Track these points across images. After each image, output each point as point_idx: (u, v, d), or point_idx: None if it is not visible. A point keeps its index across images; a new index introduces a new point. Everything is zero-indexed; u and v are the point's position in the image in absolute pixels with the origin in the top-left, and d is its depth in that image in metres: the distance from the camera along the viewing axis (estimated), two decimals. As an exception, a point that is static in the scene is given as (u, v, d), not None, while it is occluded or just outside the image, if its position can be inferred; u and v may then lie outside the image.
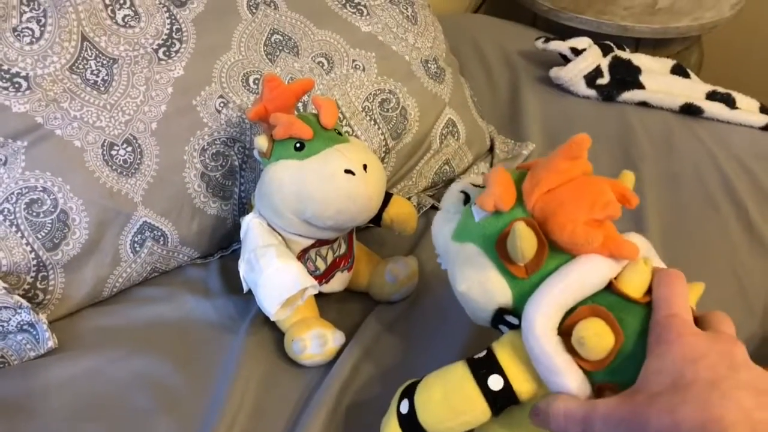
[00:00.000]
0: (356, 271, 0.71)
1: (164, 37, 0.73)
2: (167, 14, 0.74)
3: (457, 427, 0.47)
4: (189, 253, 0.76)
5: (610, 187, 0.44)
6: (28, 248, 0.66)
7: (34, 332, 0.65)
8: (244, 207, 0.77)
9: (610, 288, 0.44)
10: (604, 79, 1.08)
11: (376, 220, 0.69)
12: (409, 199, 0.86)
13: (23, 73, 0.66)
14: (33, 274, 0.67)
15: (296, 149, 0.61)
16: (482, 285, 0.46)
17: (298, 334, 0.63)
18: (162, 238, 0.72)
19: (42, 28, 0.67)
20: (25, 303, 0.64)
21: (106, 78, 0.70)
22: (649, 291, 0.44)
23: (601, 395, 0.42)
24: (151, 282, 0.75)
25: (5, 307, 0.63)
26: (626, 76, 1.08)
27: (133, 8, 0.72)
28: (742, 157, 0.95)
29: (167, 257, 0.74)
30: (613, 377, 0.41)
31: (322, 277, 0.67)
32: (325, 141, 0.62)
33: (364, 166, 0.60)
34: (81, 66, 0.69)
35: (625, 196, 0.45)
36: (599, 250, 0.43)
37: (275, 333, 0.67)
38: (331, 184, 0.59)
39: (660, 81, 1.09)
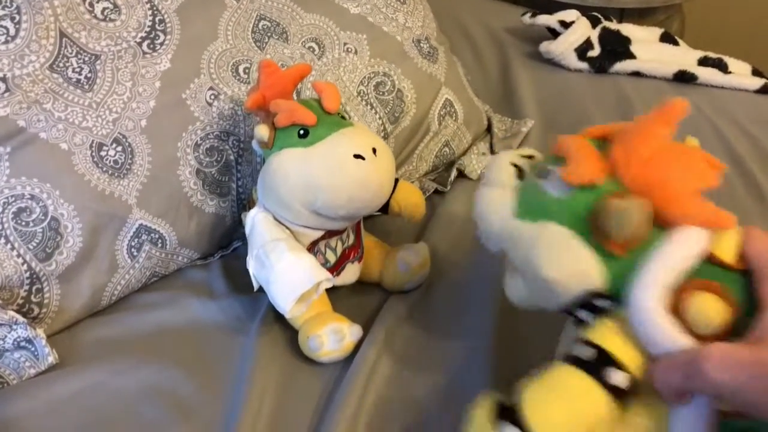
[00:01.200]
0: (366, 261, 0.68)
1: (147, 29, 0.69)
2: (148, 5, 0.70)
3: None
4: (189, 255, 0.72)
5: (703, 157, 0.43)
6: (20, 260, 0.62)
7: (33, 348, 0.61)
8: (243, 203, 0.74)
9: (707, 260, 0.41)
10: (595, 51, 1.06)
11: (383, 207, 0.66)
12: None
13: (0, 75, 0.62)
14: (27, 287, 0.63)
15: (300, 136, 0.58)
16: (573, 266, 0.43)
17: (313, 330, 0.60)
18: (160, 241, 0.69)
19: (17, 26, 0.63)
20: (20, 318, 0.60)
21: (89, 75, 0.66)
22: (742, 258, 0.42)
23: None
24: (152, 287, 0.72)
25: (0, 324, 0.60)
26: (617, 47, 1.06)
27: (112, 1, 0.68)
28: (742, 121, 0.94)
29: (166, 260, 0.71)
30: None
31: (333, 270, 0.64)
32: (329, 126, 0.59)
33: (374, 150, 0.57)
34: (62, 64, 0.65)
35: (713, 164, 0.43)
36: (702, 222, 0.41)
37: (287, 331, 0.64)
38: (341, 170, 0.56)
39: (651, 50, 1.07)
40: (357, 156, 0.56)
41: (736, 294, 0.40)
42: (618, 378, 0.40)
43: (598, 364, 0.41)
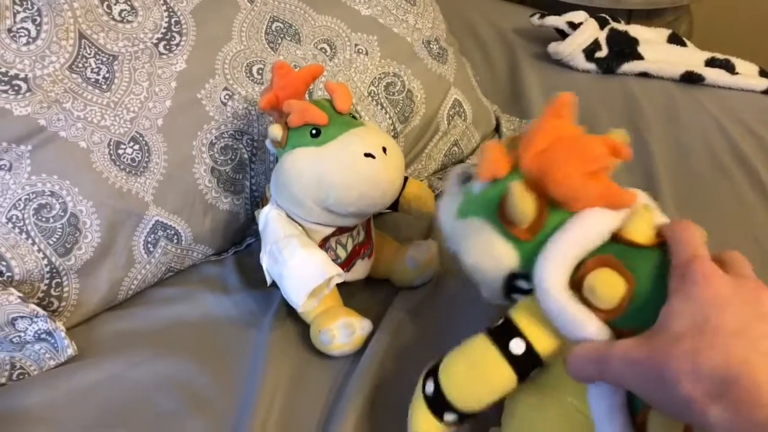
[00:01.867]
0: (376, 257, 0.70)
1: (163, 30, 0.71)
2: (164, 7, 0.72)
3: (485, 396, 0.46)
4: (203, 251, 0.74)
5: (601, 141, 0.45)
6: (40, 255, 0.64)
7: (52, 341, 0.63)
8: (256, 200, 0.75)
9: (616, 239, 0.44)
10: (603, 52, 1.07)
11: (393, 204, 0.68)
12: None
13: (22, 75, 0.64)
14: (47, 282, 0.65)
15: (312, 136, 0.60)
16: (489, 253, 0.46)
17: (324, 324, 0.62)
18: (175, 237, 0.71)
19: (38, 28, 0.65)
20: (41, 311, 0.62)
21: (107, 75, 0.68)
22: (658, 237, 0.44)
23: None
24: (167, 282, 0.73)
25: (21, 317, 0.61)
26: (625, 48, 1.07)
27: (129, 2, 0.70)
28: (748, 121, 0.95)
29: (182, 256, 0.73)
30: (631, 323, 0.41)
31: (344, 266, 0.66)
32: (340, 126, 0.60)
33: (384, 149, 0.59)
34: (81, 65, 0.67)
35: (616, 149, 0.45)
36: (598, 201, 0.44)
37: (299, 326, 0.66)
38: (352, 168, 0.58)
39: (658, 51, 1.08)
40: (367, 154, 0.58)
41: (641, 269, 0.42)
42: (515, 345, 0.45)
43: (500, 331, 0.46)
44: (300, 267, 0.59)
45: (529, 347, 0.45)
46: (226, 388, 0.61)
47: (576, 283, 0.43)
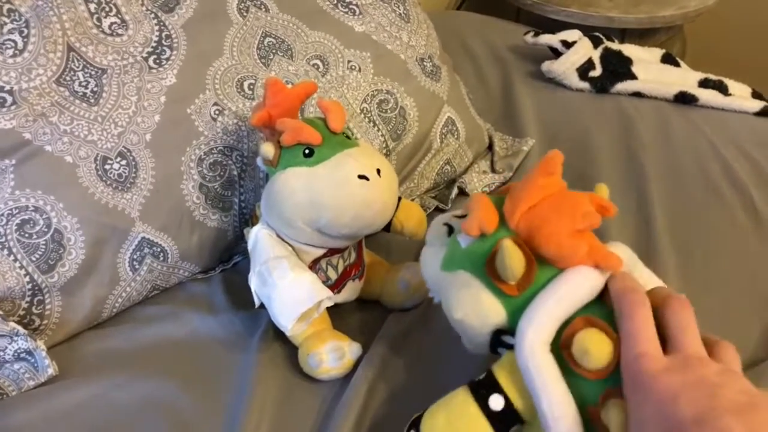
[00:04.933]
0: (367, 279, 0.69)
1: (153, 44, 0.70)
2: (155, 21, 0.71)
3: None
4: (190, 269, 0.73)
5: (588, 199, 0.46)
6: (22, 272, 0.63)
7: (33, 360, 0.61)
8: (245, 218, 0.74)
9: (602, 298, 0.44)
10: (597, 71, 1.07)
11: (386, 225, 0.67)
12: (412, 201, 0.83)
13: (7, 88, 0.63)
14: (28, 299, 0.63)
15: (305, 156, 0.59)
16: (476, 309, 0.46)
17: (313, 347, 0.61)
18: (162, 254, 0.69)
19: (25, 40, 0.64)
20: (21, 330, 0.60)
21: (95, 89, 0.67)
22: None
23: (606, 400, 0.42)
24: (152, 300, 0.72)
25: (1, 336, 0.60)
26: (618, 67, 1.07)
27: (119, 16, 0.69)
28: (741, 143, 0.95)
29: (168, 273, 0.71)
30: (617, 383, 0.41)
31: (334, 287, 0.64)
32: (334, 146, 0.59)
33: (378, 171, 0.58)
34: (68, 78, 0.66)
35: (602, 206, 0.46)
36: (585, 260, 0.44)
37: (287, 348, 0.64)
38: (346, 190, 0.57)
39: (652, 71, 1.08)
40: (361, 176, 0.57)
41: None
42: (494, 400, 0.45)
43: (481, 385, 0.46)
44: (289, 290, 0.58)
45: (509, 404, 0.45)
46: (211, 411, 0.59)
47: (564, 342, 0.43)
